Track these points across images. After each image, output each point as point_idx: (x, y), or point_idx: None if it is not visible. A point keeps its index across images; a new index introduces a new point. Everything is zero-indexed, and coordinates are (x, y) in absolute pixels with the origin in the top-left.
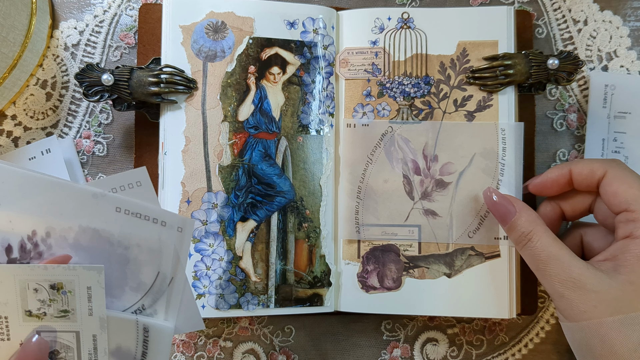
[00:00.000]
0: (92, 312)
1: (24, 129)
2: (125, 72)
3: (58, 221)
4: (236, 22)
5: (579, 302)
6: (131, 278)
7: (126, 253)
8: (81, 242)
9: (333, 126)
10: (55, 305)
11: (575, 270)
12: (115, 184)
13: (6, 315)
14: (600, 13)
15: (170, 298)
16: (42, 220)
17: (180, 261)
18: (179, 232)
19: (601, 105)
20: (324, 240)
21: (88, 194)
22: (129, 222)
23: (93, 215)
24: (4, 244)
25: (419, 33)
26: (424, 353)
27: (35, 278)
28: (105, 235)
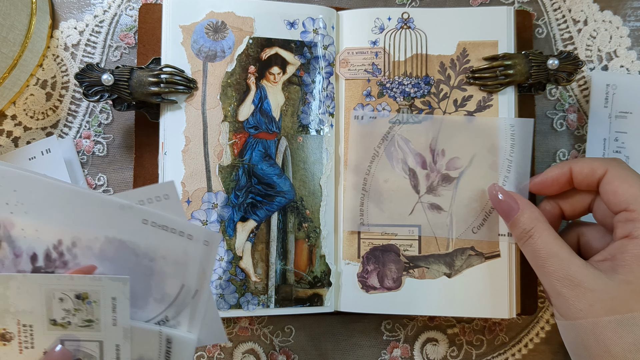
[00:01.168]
0: (116, 322)
1: (24, 129)
2: (125, 72)
3: (84, 231)
4: (236, 22)
5: (576, 300)
6: (155, 289)
7: (151, 265)
8: (107, 252)
9: (333, 126)
10: (80, 314)
11: (573, 268)
12: (143, 196)
13: (31, 324)
14: (600, 13)
15: (194, 310)
16: (68, 229)
17: (205, 274)
18: (205, 246)
19: (602, 104)
20: (324, 240)
21: (115, 205)
22: (155, 234)
23: (119, 226)
24: (29, 253)
25: (419, 33)
26: (424, 353)
27: (61, 288)
28: (131, 247)
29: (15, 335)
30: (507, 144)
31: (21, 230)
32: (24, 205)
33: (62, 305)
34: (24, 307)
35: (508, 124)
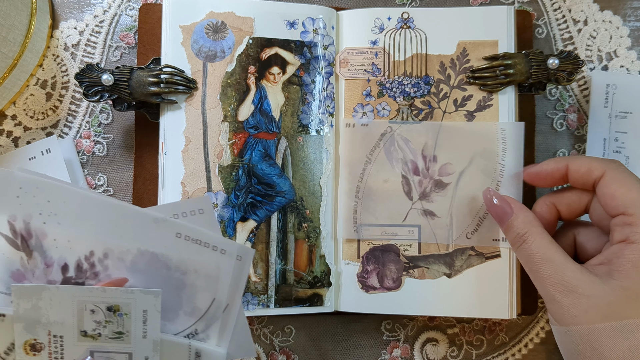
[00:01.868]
0: (146, 335)
1: (24, 129)
2: (125, 72)
3: (117, 243)
4: (236, 22)
5: (570, 306)
6: (186, 303)
7: (183, 278)
8: (138, 265)
9: (333, 126)
10: (111, 326)
11: (568, 273)
12: (178, 210)
13: (62, 335)
14: (600, 13)
15: (224, 324)
16: (101, 241)
17: (237, 289)
18: (238, 261)
19: (602, 104)
20: (324, 240)
21: (149, 218)
22: (188, 248)
23: (152, 239)
24: (60, 263)
25: (419, 33)
26: (424, 353)
27: (93, 300)
28: (163, 260)
29: (46, 345)
30: (498, 148)
31: (53, 241)
32: (57, 216)
33: (93, 317)
34: (56, 318)
35: (499, 128)
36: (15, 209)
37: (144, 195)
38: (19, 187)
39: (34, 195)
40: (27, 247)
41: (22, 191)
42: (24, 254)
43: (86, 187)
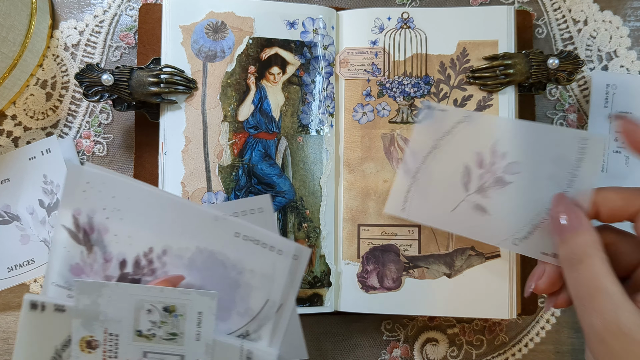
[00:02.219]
0: (200, 338)
1: (24, 129)
2: (125, 72)
3: (176, 240)
4: (236, 22)
5: (622, 352)
6: (240, 303)
7: (238, 277)
8: (196, 262)
9: (333, 126)
10: (165, 327)
11: (625, 314)
12: (238, 208)
13: (117, 333)
14: (600, 13)
15: (276, 325)
16: (161, 238)
17: (292, 289)
18: (294, 260)
19: (602, 104)
20: (324, 240)
21: (210, 216)
22: (246, 247)
23: (211, 237)
24: (119, 258)
25: (419, 33)
26: (424, 353)
27: (151, 299)
28: (221, 258)
29: (101, 343)
30: (573, 156)
31: (114, 236)
32: (120, 212)
33: (150, 316)
34: (113, 315)
35: (579, 137)
36: (81, 204)
37: None
38: (86, 182)
39: (100, 191)
40: (88, 241)
41: (89, 186)
42: (84, 248)
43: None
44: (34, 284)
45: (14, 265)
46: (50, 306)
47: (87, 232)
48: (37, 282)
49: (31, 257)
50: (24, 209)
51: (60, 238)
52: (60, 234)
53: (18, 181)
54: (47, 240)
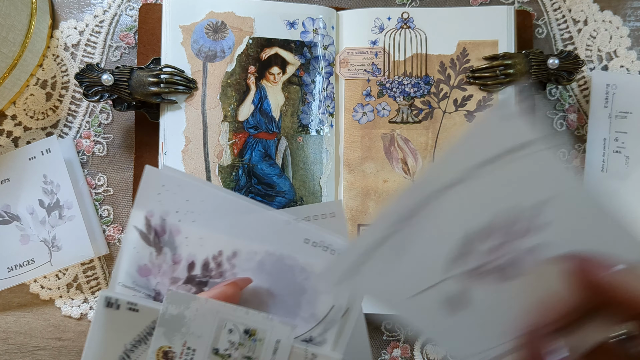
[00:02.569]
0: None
1: (24, 129)
2: (125, 72)
3: (246, 243)
4: (236, 22)
5: None
6: (305, 308)
7: (305, 282)
8: (265, 266)
9: (333, 126)
10: (242, 350)
11: None
12: (310, 213)
13: (195, 348)
14: (600, 13)
15: (341, 329)
16: (231, 241)
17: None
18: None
19: (603, 104)
20: None
21: (281, 221)
22: (315, 252)
23: (281, 241)
24: (188, 260)
25: (419, 33)
26: (424, 353)
27: (235, 319)
28: (289, 263)
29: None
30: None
31: (185, 238)
32: (193, 214)
33: (230, 336)
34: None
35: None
36: (154, 206)
37: None
38: (161, 185)
39: (175, 193)
40: (158, 242)
41: (164, 189)
42: (153, 249)
43: (86, 186)
44: (34, 283)
45: (14, 265)
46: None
47: (158, 233)
48: (37, 282)
49: (31, 257)
50: (24, 209)
51: (131, 238)
52: (131, 235)
53: (18, 181)
54: (47, 240)
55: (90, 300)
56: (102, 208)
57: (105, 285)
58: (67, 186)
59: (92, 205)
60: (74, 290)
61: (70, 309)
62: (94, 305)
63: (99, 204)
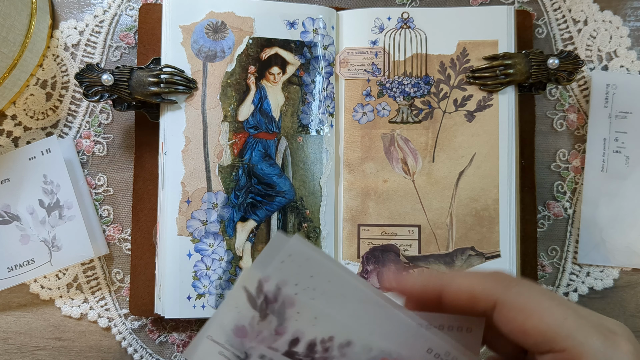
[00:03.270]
0: None
1: (24, 129)
2: (125, 72)
3: (364, 337)
4: (236, 22)
5: None
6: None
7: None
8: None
9: (333, 126)
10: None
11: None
12: (445, 322)
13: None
14: (600, 13)
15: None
16: (348, 329)
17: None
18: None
19: (602, 104)
20: (324, 240)
21: (408, 324)
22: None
23: (401, 344)
24: (293, 335)
25: (419, 33)
26: None
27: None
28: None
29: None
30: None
31: (296, 313)
32: (314, 292)
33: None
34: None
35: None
36: (274, 272)
37: (144, 195)
38: (288, 254)
39: (300, 266)
40: (265, 309)
41: (290, 258)
42: (257, 314)
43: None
44: (34, 283)
45: (14, 265)
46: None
47: (269, 300)
48: (37, 282)
49: (31, 257)
50: (24, 209)
51: (236, 296)
52: (238, 294)
53: (18, 181)
54: (47, 240)
55: (90, 300)
56: (102, 208)
57: (105, 285)
58: (67, 186)
59: (92, 205)
60: (74, 290)
61: (70, 309)
62: (94, 305)
63: (99, 204)
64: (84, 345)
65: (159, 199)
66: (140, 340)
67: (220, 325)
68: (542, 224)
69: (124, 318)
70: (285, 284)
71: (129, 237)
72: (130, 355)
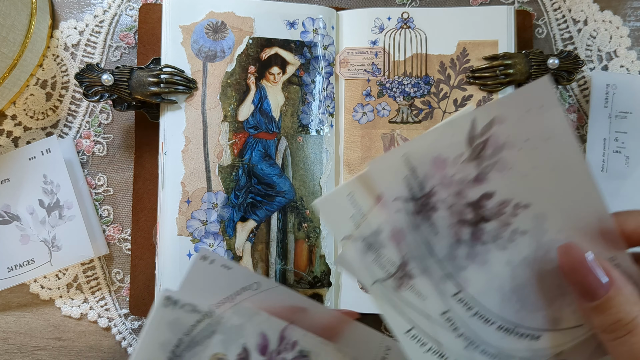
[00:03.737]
0: None
1: (24, 129)
2: (125, 72)
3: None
4: (236, 22)
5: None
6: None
7: None
8: None
9: (333, 126)
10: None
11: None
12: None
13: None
14: (600, 13)
15: None
16: (549, 206)
17: None
18: None
19: (602, 104)
20: (324, 240)
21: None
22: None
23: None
24: (492, 188)
25: (419, 33)
26: None
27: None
28: None
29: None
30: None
31: (509, 169)
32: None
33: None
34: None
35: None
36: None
37: (144, 195)
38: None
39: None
40: (479, 151)
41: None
42: (468, 152)
43: (86, 186)
44: (34, 283)
45: (14, 265)
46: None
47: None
48: (37, 282)
49: (31, 257)
50: (24, 209)
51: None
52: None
53: (18, 181)
54: (47, 240)
55: (90, 300)
56: (102, 208)
57: (105, 285)
58: (67, 186)
59: (92, 205)
60: (74, 290)
61: (70, 309)
62: (94, 305)
63: (99, 204)
64: (84, 345)
65: (159, 199)
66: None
67: (423, 149)
68: None
69: (124, 318)
70: (516, 140)
71: (129, 237)
72: (130, 355)
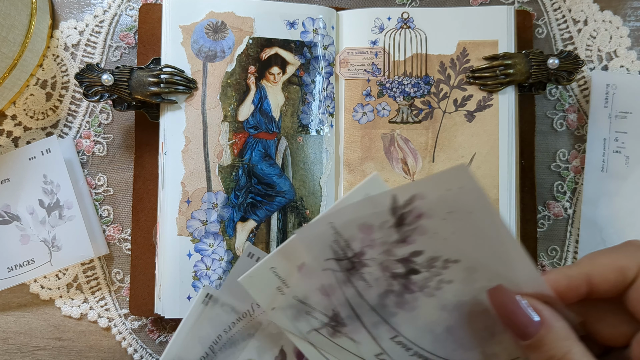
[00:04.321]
0: None
1: (24, 129)
2: (125, 72)
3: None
4: (236, 22)
5: None
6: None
7: None
8: None
9: (333, 126)
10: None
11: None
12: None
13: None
14: (600, 13)
15: None
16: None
17: None
18: None
19: (602, 104)
20: None
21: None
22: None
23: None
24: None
25: (419, 33)
26: None
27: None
28: None
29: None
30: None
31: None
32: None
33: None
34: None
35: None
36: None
37: (144, 195)
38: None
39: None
40: (402, 219)
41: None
42: (392, 220)
43: (86, 186)
44: (34, 283)
45: (14, 265)
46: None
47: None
48: (37, 282)
49: (31, 257)
50: (24, 209)
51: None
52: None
53: (18, 181)
54: (47, 240)
55: (90, 300)
56: (102, 208)
57: (105, 285)
58: (67, 186)
59: (92, 205)
60: (74, 290)
61: (70, 309)
62: (94, 305)
63: (99, 204)
64: (84, 345)
65: (159, 199)
66: (140, 340)
67: (348, 218)
68: (542, 224)
69: (124, 318)
70: (436, 212)
71: (129, 237)
72: (130, 355)
